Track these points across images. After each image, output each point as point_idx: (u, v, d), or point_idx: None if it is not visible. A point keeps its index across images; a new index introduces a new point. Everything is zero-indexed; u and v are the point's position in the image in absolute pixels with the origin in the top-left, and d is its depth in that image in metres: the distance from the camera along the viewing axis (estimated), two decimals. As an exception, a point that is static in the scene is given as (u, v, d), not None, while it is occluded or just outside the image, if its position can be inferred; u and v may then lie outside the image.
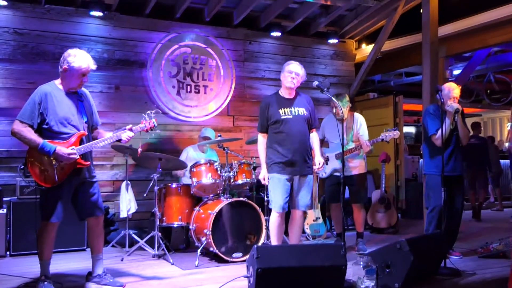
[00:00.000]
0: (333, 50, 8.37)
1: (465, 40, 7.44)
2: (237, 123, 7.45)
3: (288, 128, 4.47)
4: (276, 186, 4.45)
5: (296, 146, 4.47)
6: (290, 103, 4.56)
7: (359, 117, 5.58)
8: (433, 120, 4.95)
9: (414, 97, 10.75)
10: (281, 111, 4.50)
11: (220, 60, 7.27)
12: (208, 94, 7.19)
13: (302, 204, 4.53)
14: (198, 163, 5.58)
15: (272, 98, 4.61)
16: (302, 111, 4.55)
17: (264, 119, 4.55)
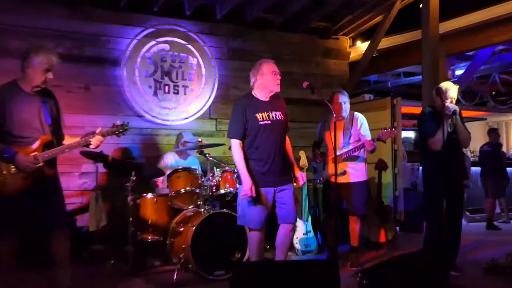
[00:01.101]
0: (325, 47, 8.38)
1: (468, 38, 7.49)
2: (220, 127, 7.41)
3: (266, 136, 4.38)
4: (256, 200, 4.37)
5: (275, 155, 4.41)
6: (268, 106, 4.46)
7: (359, 116, 5.57)
8: (429, 123, 4.97)
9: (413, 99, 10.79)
10: (259, 116, 4.39)
11: (201, 58, 7.24)
12: (188, 95, 7.15)
13: (288, 215, 4.48)
14: (176, 171, 5.53)
15: (248, 100, 4.47)
16: (279, 115, 4.50)
17: (240, 124, 4.39)
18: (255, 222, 4.37)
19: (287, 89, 7.89)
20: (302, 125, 7.70)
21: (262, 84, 4.45)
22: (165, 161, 6.32)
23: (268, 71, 4.44)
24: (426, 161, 5.16)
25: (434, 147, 4.90)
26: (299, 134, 7.65)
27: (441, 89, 4.84)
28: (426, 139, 4.99)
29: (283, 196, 4.46)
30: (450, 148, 4.84)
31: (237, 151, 4.40)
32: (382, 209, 7.06)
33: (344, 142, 5.44)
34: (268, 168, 4.38)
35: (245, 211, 4.40)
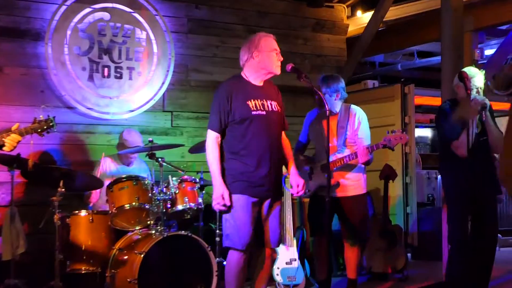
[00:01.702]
0: (316, 18, 8.44)
1: (500, 8, 7.60)
2: (177, 123, 7.41)
3: (259, 130, 4.43)
4: (240, 212, 4.40)
5: (270, 155, 4.46)
6: (262, 93, 4.53)
7: (357, 111, 5.59)
8: (451, 122, 5.03)
9: (430, 86, 10.93)
10: (251, 104, 4.45)
11: (152, 31, 7.23)
12: (134, 80, 7.14)
13: (273, 238, 4.52)
14: (119, 181, 5.52)
15: (236, 84, 4.53)
16: (275, 106, 4.55)
17: (223, 113, 4.43)
18: (241, 242, 4.41)
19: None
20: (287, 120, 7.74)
21: (258, 63, 4.50)
22: (103, 167, 6.30)
23: (269, 47, 4.50)
24: (447, 169, 5.23)
25: (459, 152, 4.95)
26: (281, 132, 7.71)
27: (465, 74, 4.90)
28: (447, 142, 5.06)
29: (270, 212, 4.51)
30: (478, 153, 4.89)
31: (212, 147, 4.44)
32: (389, 230, 7.14)
33: (338, 145, 5.47)
34: (261, 172, 4.42)
35: (231, 227, 4.43)
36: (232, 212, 4.42)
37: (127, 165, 6.36)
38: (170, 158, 6.41)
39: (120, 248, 5.42)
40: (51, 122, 4.27)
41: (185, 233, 5.36)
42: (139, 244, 5.28)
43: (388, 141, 5.19)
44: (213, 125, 4.47)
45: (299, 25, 8.30)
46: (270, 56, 4.49)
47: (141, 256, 5.06)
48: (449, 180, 5.20)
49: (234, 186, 4.43)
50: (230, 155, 4.49)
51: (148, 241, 5.20)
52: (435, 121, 5.36)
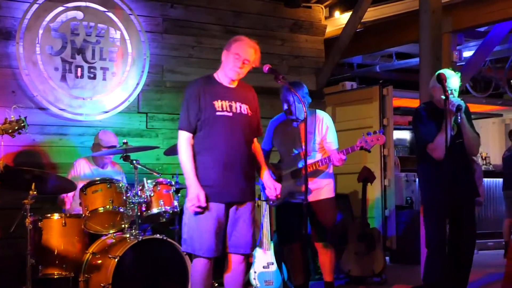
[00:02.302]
0: (294, 19, 8.47)
1: (479, 9, 7.67)
2: (152, 124, 7.40)
3: (224, 131, 4.43)
4: (204, 218, 4.39)
5: (235, 158, 4.45)
6: (231, 94, 4.54)
7: (324, 116, 5.64)
8: (427, 125, 5.08)
9: (409, 88, 11.01)
10: (217, 104, 4.45)
11: (127, 31, 7.21)
12: (108, 80, 7.11)
13: (242, 244, 4.52)
14: (93, 183, 5.49)
15: (206, 83, 4.54)
16: (246, 109, 4.55)
17: (193, 113, 4.44)
18: (205, 248, 4.38)
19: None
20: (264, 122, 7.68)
21: (223, 63, 4.55)
22: (77, 169, 6.27)
23: (234, 50, 4.50)
24: (424, 172, 5.28)
25: (435, 155, 5.00)
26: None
27: (443, 75, 4.94)
28: (423, 145, 5.11)
29: (237, 217, 4.50)
30: (454, 156, 4.93)
31: (184, 147, 4.45)
32: (367, 233, 7.18)
33: (308, 150, 5.48)
34: (224, 175, 4.42)
35: (193, 233, 4.41)
36: (195, 218, 4.41)
37: (101, 167, 6.33)
38: (145, 161, 6.39)
39: (94, 252, 5.39)
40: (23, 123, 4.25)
41: (160, 237, 5.35)
42: (113, 248, 5.26)
43: (365, 143, 5.22)
44: (183, 125, 4.48)
45: (276, 25, 8.32)
46: (230, 58, 4.50)
47: (115, 260, 5.04)
48: (426, 183, 5.25)
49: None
50: (196, 156, 4.48)
51: (122, 245, 5.18)
52: (411, 124, 5.40)
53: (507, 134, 15.44)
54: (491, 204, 11.04)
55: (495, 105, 13.29)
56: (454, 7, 7.66)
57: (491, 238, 10.71)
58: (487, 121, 14.75)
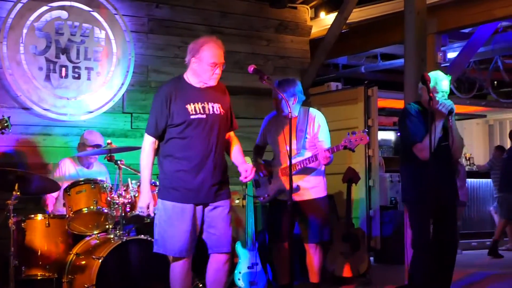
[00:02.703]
0: (279, 19, 8.47)
1: (463, 11, 7.70)
2: (137, 124, 7.38)
3: (198, 133, 4.44)
4: (175, 218, 4.41)
5: (209, 159, 4.47)
6: (203, 95, 4.53)
7: (316, 115, 5.64)
8: (416, 124, 5.10)
9: (394, 89, 11.05)
10: (190, 108, 4.45)
11: (112, 31, 7.19)
12: (93, 80, 7.09)
13: (224, 242, 4.53)
14: (77, 184, 5.47)
15: (175, 87, 4.54)
16: (218, 108, 4.55)
17: (161, 118, 4.45)
18: (176, 249, 4.42)
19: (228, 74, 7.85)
20: (248, 122, 7.74)
21: (196, 70, 4.52)
22: (62, 169, 6.24)
23: (207, 60, 4.48)
24: (409, 172, 5.29)
25: (422, 155, 5.02)
26: (244, 135, 7.65)
27: (427, 76, 4.97)
28: (410, 145, 5.12)
29: (214, 216, 4.51)
30: (440, 157, 4.97)
31: (146, 151, 4.51)
32: (352, 234, 7.19)
33: (297, 148, 5.50)
34: (200, 177, 4.44)
35: (164, 233, 4.43)
36: (166, 218, 4.45)
37: (86, 167, 6.31)
38: (130, 161, 6.37)
39: (78, 253, 5.38)
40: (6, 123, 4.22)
41: (145, 238, 5.34)
42: (97, 249, 5.24)
43: (349, 142, 5.23)
44: (149, 130, 4.54)
45: (261, 25, 8.32)
46: (206, 68, 4.49)
47: (99, 261, 5.03)
48: (411, 183, 5.26)
49: (171, 192, 4.47)
50: (168, 159, 4.51)
51: (106, 246, 5.17)
52: (398, 122, 5.40)
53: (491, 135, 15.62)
54: (475, 204, 11.11)
55: (479, 106, 13.37)
56: (438, 9, 7.69)
57: (475, 238, 10.78)
58: (471, 122, 14.84)
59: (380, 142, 10.39)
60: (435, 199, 4.75)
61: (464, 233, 10.42)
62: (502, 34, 9.48)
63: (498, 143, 13.89)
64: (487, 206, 11.17)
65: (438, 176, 4.84)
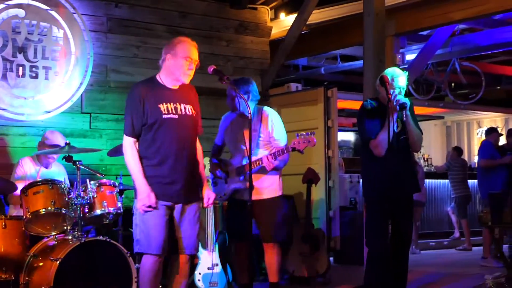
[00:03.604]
0: (239, 20, 8.49)
1: (421, 13, 7.83)
2: (96, 125, 7.34)
3: (171, 134, 4.47)
4: (154, 216, 4.44)
5: (181, 159, 4.50)
6: (175, 96, 4.56)
7: (269, 113, 5.66)
8: (371, 121, 5.16)
9: (353, 90, 11.14)
10: (162, 107, 4.48)
11: (70, 30, 7.15)
12: (51, 80, 7.03)
13: (187, 244, 4.54)
14: (34, 184, 5.42)
15: (149, 86, 4.56)
16: (190, 110, 4.58)
17: (137, 117, 4.47)
18: (154, 245, 4.44)
19: (187, 74, 7.91)
20: (208, 123, 7.67)
21: (169, 67, 4.53)
22: (24, 168, 6.16)
23: (182, 54, 4.50)
24: (366, 171, 5.36)
25: (376, 152, 5.09)
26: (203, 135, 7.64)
27: (386, 78, 5.04)
28: (366, 142, 5.18)
29: (182, 218, 4.53)
30: (397, 153, 5.02)
31: (130, 151, 4.49)
32: (312, 234, 7.24)
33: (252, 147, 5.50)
34: (171, 176, 4.46)
35: (144, 233, 4.45)
36: (143, 217, 4.46)
37: (45, 167, 6.24)
38: (88, 161, 6.35)
39: (35, 255, 5.31)
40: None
41: (104, 239, 5.30)
42: (55, 250, 5.19)
43: (297, 144, 5.30)
44: (128, 130, 4.52)
45: (221, 26, 8.34)
46: (180, 63, 4.50)
47: (57, 262, 4.98)
48: (369, 180, 5.32)
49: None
50: (142, 160, 4.52)
51: (64, 247, 5.12)
52: (357, 120, 5.47)
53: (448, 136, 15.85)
54: (433, 205, 11.27)
55: (436, 107, 13.53)
56: (397, 11, 7.80)
57: (433, 238, 10.94)
58: (429, 123, 15.01)
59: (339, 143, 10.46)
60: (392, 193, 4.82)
61: (422, 233, 10.58)
62: (459, 37, 9.66)
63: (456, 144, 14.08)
64: (445, 207, 11.34)
65: (396, 169, 4.91)
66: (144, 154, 4.51)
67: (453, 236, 11.19)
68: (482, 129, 14.62)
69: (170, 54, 4.52)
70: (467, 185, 10.65)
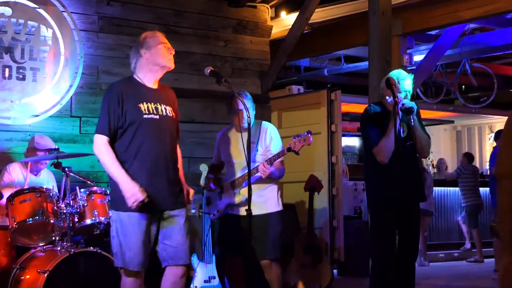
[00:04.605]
0: (238, 19, 8.50)
1: (429, 12, 7.84)
2: (87, 129, 7.33)
3: (151, 135, 4.41)
4: (132, 230, 4.36)
5: (162, 163, 4.45)
6: (155, 96, 4.52)
7: (268, 127, 5.69)
8: (374, 127, 5.15)
9: (358, 93, 11.17)
10: (143, 107, 4.42)
11: (59, 29, 7.14)
12: (39, 82, 7.03)
13: (181, 254, 4.51)
14: (21, 192, 5.42)
15: (128, 85, 4.51)
16: (170, 111, 4.55)
17: (114, 117, 4.39)
18: (135, 262, 4.36)
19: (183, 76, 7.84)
20: (204, 127, 7.77)
21: (149, 61, 4.49)
22: (11, 174, 6.14)
23: (156, 42, 4.49)
24: (370, 179, 5.35)
25: (379, 159, 5.09)
26: (199, 140, 7.71)
27: (393, 80, 5.04)
28: (368, 148, 5.19)
29: (170, 226, 4.49)
30: (403, 160, 5.01)
31: (104, 149, 4.38)
32: (314, 245, 7.23)
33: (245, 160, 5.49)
34: (155, 183, 4.39)
35: (122, 246, 4.37)
36: (122, 230, 4.39)
37: (35, 174, 6.24)
38: (78, 168, 6.33)
39: (22, 266, 5.31)
40: None
41: (94, 250, 5.30)
42: (42, 262, 5.19)
43: (293, 145, 5.29)
44: (102, 129, 4.41)
45: (219, 25, 8.33)
46: (159, 50, 4.48)
47: (45, 275, 4.97)
48: (371, 190, 5.32)
49: (123, 201, 4.34)
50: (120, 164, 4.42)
51: (52, 258, 5.12)
52: (360, 125, 5.47)
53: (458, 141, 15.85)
54: (442, 214, 11.27)
55: (446, 111, 13.57)
56: (404, 10, 7.80)
57: (442, 249, 10.93)
58: (438, 128, 15.04)
59: (344, 149, 10.48)
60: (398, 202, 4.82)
61: (431, 244, 10.57)
62: (469, 37, 9.67)
63: (466, 150, 14.11)
64: (455, 216, 11.33)
65: (402, 176, 4.89)
66: (121, 158, 4.39)
67: (464, 247, 11.19)
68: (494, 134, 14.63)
69: (143, 49, 4.48)
70: (478, 193, 10.65)
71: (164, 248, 4.47)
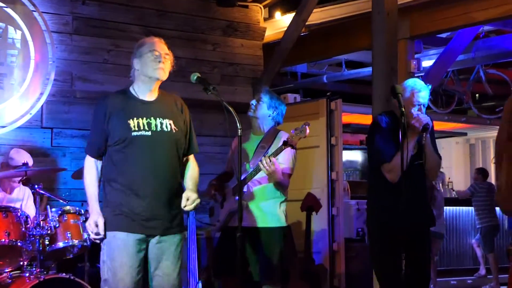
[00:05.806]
0: (228, 20, 8.51)
1: (439, 13, 7.85)
2: (59, 142, 7.34)
3: (141, 153, 4.43)
4: (120, 252, 4.37)
5: (155, 184, 4.45)
6: (150, 109, 4.53)
7: (283, 136, 5.65)
8: (386, 140, 5.13)
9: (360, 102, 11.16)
10: (132, 123, 4.43)
11: (29, 31, 7.16)
12: (6, 89, 7.04)
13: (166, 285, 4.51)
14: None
15: (119, 99, 4.54)
16: (169, 125, 4.54)
17: (100, 135, 4.45)
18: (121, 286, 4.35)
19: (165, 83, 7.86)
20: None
21: (139, 71, 4.53)
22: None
23: (146, 49, 4.51)
24: (375, 197, 5.34)
25: (390, 177, 5.06)
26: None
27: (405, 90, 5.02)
28: (378, 164, 5.16)
29: (159, 253, 4.49)
30: (412, 178, 5.01)
31: (89, 169, 4.48)
32: (312, 271, 7.23)
33: (254, 163, 5.51)
34: (144, 205, 4.39)
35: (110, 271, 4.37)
36: (110, 253, 4.40)
37: (8, 192, 6.22)
38: (50, 185, 6.33)
39: (-14, 295, 5.30)
40: None
41: (67, 276, 5.29)
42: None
43: (291, 139, 5.31)
44: (89, 148, 4.54)
45: (207, 27, 8.35)
46: (146, 59, 4.50)
47: (12, 304, 4.97)
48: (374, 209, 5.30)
49: (112, 222, 4.40)
50: (109, 183, 4.47)
51: (20, 285, 5.10)
52: (366, 137, 5.45)
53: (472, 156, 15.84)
54: (454, 236, 11.25)
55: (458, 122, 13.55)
56: (411, 10, 7.81)
57: (454, 275, 10.90)
58: (449, 140, 15.03)
59: (345, 164, 10.47)
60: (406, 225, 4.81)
61: (441, 270, 10.54)
62: (484, 40, 9.66)
63: (480, 165, 14.08)
64: (469, 239, 11.31)
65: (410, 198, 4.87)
66: (112, 177, 4.44)
67: (478, 273, 11.17)
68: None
69: (136, 59, 4.53)
70: (494, 213, 10.63)
71: (151, 277, 4.48)
